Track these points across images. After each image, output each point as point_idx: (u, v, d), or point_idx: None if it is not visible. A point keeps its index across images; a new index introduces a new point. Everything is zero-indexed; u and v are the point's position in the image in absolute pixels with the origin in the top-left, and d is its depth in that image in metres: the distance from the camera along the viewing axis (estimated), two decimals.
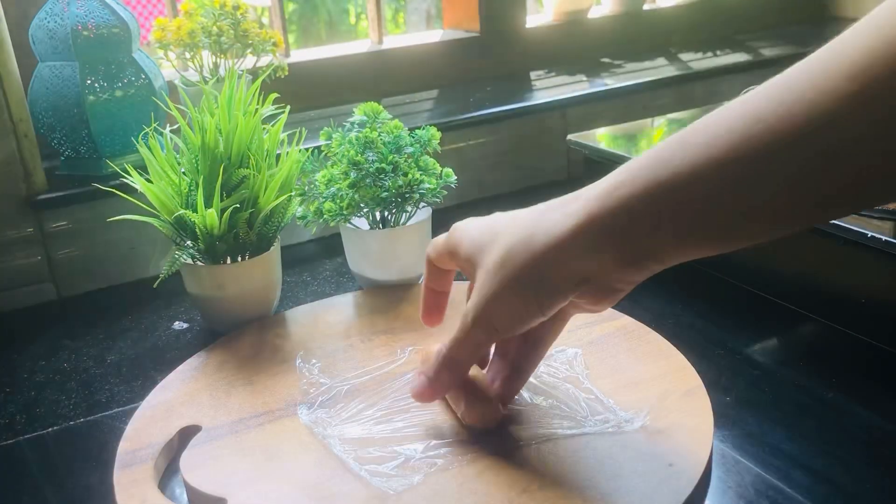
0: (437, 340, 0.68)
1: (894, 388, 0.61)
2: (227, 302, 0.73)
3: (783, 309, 0.67)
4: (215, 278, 0.72)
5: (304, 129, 0.79)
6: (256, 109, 0.72)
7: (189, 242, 0.72)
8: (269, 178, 0.72)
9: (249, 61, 0.95)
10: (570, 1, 1.37)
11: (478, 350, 0.52)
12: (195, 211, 0.68)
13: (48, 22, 0.85)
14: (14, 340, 0.78)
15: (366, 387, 0.62)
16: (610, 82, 1.22)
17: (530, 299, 0.47)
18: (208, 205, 0.68)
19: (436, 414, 0.58)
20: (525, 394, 0.60)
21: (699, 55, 1.36)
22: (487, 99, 1.17)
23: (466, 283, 0.55)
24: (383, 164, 0.74)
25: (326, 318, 0.74)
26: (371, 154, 0.74)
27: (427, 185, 0.75)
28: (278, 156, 0.75)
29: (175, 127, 0.80)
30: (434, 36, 1.32)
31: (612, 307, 0.71)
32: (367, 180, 0.74)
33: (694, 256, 0.42)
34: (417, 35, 1.37)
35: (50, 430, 0.63)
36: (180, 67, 0.94)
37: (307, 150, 0.79)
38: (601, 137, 1.00)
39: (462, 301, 0.53)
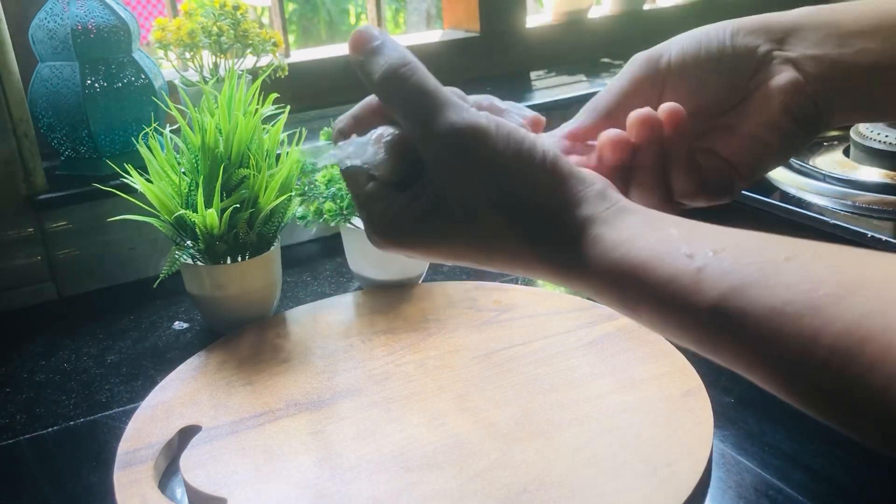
0: (438, 344, 0.68)
1: None
2: (227, 302, 0.73)
3: None
4: (215, 278, 0.72)
5: (304, 129, 0.79)
6: (256, 109, 0.72)
7: (189, 242, 0.72)
8: (269, 178, 0.71)
9: (249, 61, 0.94)
10: (570, 1, 1.37)
11: None
12: (195, 211, 0.68)
13: (48, 22, 0.85)
14: (14, 340, 0.78)
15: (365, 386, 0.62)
16: (610, 82, 1.22)
17: None
18: (208, 205, 0.68)
19: (437, 413, 0.58)
20: None
21: None
22: None
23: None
24: None
25: (326, 318, 0.74)
26: None
27: None
28: (278, 156, 0.75)
29: (175, 127, 0.80)
30: (434, 36, 1.32)
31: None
32: None
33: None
34: (417, 35, 1.37)
35: (50, 430, 0.63)
36: (180, 67, 0.94)
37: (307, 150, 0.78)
38: None
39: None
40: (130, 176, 0.71)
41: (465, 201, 0.36)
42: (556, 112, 1.14)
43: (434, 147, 0.36)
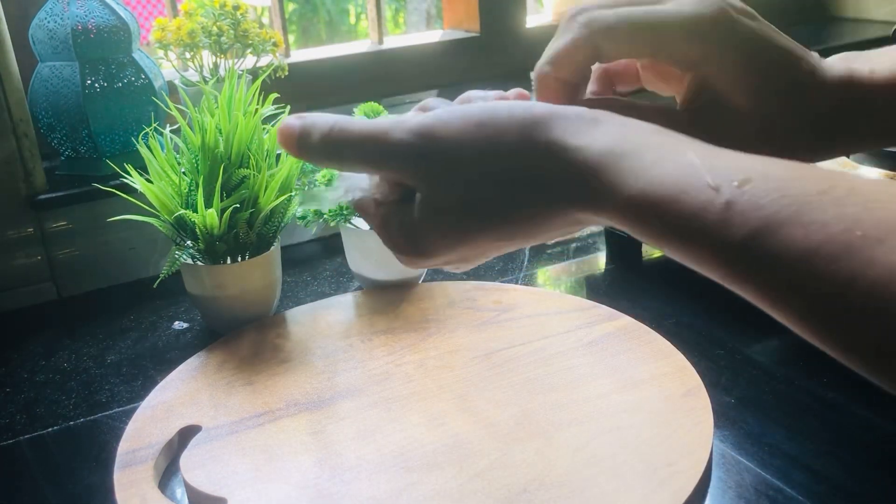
0: (438, 344, 0.68)
1: None
2: (227, 302, 0.73)
3: None
4: (215, 278, 0.72)
5: None
6: (256, 109, 0.72)
7: (189, 242, 0.72)
8: (269, 178, 0.72)
9: (249, 61, 0.95)
10: (570, 1, 1.37)
11: None
12: (195, 211, 0.68)
13: (48, 22, 0.85)
14: (14, 340, 0.78)
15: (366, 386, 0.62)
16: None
17: None
18: (208, 205, 0.68)
19: (437, 413, 0.58)
20: None
21: None
22: None
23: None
24: None
25: (326, 318, 0.74)
26: None
27: None
28: (278, 156, 0.75)
29: (175, 127, 0.80)
30: (434, 36, 1.32)
31: (612, 307, 0.71)
32: None
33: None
34: (417, 35, 1.37)
35: (50, 430, 0.63)
36: (180, 67, 0.94)
37: None
38: None
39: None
40: (130, 176, 0.71)
41: (463, 191, 0.36)
42: None
43: (405, 164, 0.36)
